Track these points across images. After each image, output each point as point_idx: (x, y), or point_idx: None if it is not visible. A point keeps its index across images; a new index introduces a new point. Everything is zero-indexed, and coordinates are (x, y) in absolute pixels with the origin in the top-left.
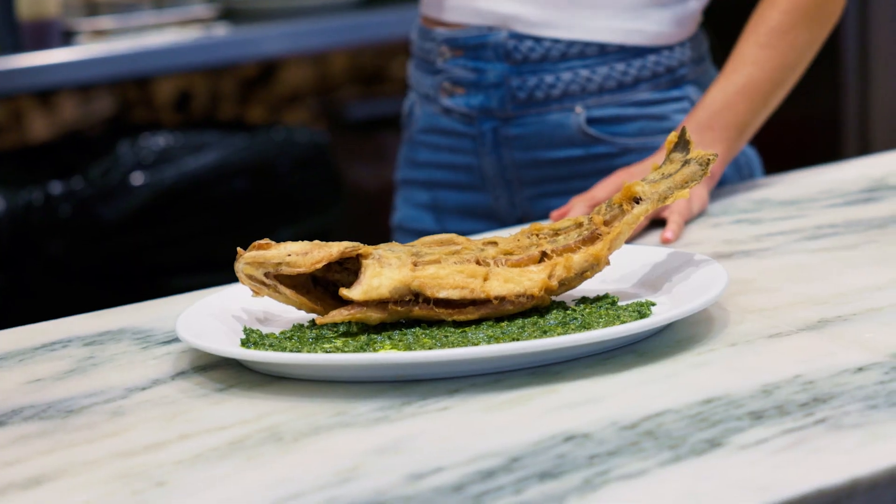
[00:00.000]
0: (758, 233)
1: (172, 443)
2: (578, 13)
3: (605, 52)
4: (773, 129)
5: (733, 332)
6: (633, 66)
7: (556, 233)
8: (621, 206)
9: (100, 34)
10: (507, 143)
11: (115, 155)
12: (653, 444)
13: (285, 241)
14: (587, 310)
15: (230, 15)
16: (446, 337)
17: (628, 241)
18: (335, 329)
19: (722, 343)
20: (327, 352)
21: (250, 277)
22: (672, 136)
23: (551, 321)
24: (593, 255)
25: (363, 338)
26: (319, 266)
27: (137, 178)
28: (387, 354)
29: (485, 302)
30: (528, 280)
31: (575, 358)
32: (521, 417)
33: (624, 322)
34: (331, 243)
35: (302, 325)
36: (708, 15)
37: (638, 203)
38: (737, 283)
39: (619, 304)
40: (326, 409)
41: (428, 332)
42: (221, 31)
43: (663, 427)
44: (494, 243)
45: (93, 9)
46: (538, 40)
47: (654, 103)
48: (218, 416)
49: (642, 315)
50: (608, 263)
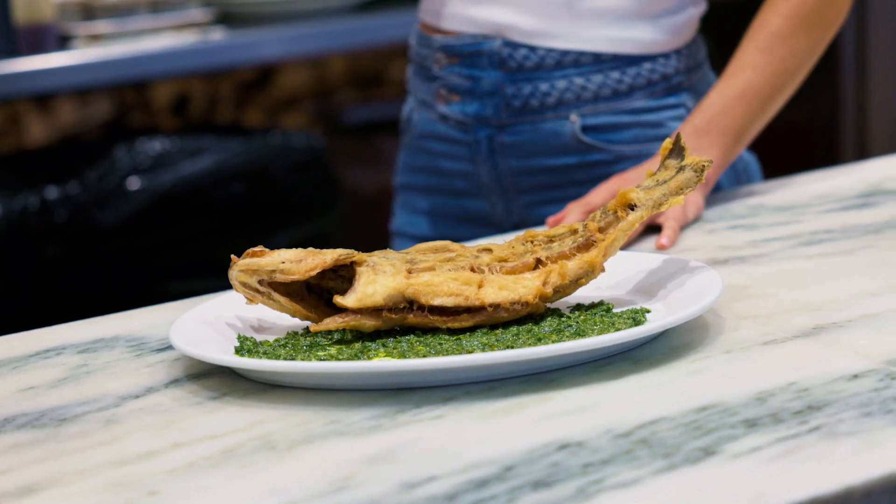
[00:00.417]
0: (753, 239)
1: (165, 451)
2: (573, 23)
3: (599, 60)
4: (770, 133)
5: (728, 339)
6: (628, 73)
7: (551, 240)
8: (616, 212)
9: (96, 38)
10: (502, 150)
11: (112, 159)
12: (647, 452)
13: (280, 248)
14: (582, 317)
15: (227, 19)
16: (441, 345)
17: (623, 248)
18: (329, 337)
19: (717, 350)
20: (321, 359)
21: (244, 285)
22: (667, 143)
23: (546, 328)
24: (588, 261)
25: (357, 345)
26: (313, 273)
27: (134, 183)
28: (381, 362)
29: (479, 309)
30: (523, 287)
31: (569, 365)
32: (514, 425)
33: (619, 329)
34: (325, 251)
35: (296, 333)
36: (706, 21)
37: (633, 210)
38: (732, 290)
39: (614, 311)
40: (320, 417)
41: (422, 339)
42: (218, 35)
43: (657, 435)
44: (489, 250)
45: (89, 13)
46: (533, 49)
47: (649, 111)
48: (211, 425)
49: (637, 322)
50: (603, 270)
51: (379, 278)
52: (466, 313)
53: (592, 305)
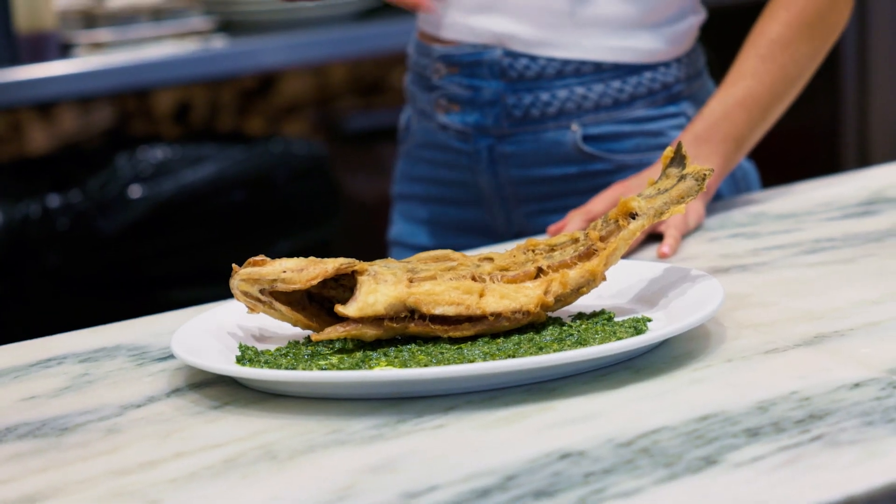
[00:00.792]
0: (755, 247)
1: (167, 461)
2: (574, 32)
3: (600, 69)
4: (771, 140)
5: (729, 347)
6: (629, 83)
7: (552, 248)
8: (617, 221)
9: (97, 46)
10: (502, 160)
11: (113, 168)
12: (648, 461)
13: (281, 256)
14: (583, 326)
15: (228, 27)
16: (442, 354)
17: (625, 257)
18: (331, 346)
19: (718, 359)
20: (323, 369)
21: (245, 294)
22: (668, 152)
23: (547, 337)
24: (589, 270)
25: (359, 354)
26: (315, 282)
27: (135, 191)
28: (382, 372)
29: (480, 318)
30: (524, 296)
31: (571, 374)
32: (516, 435)
33: (620, 338)
34: (326, 259)
35: (297, 342)
36: (705, 29)
37: (634, 218)
38: (733, 298)
39: (616, 319)
40: (321, 426)
41: (424, 348)
42: (220, 43)
43: (659, 444)
44: (490, 259)
45: (90, 21)
46: (534, 58)
47: (649, 120)
48: (213, 434)
49: (638, 331)
50: (604, 279)
51: (380, 287)
52: (468, 322)
53: (594, 314)
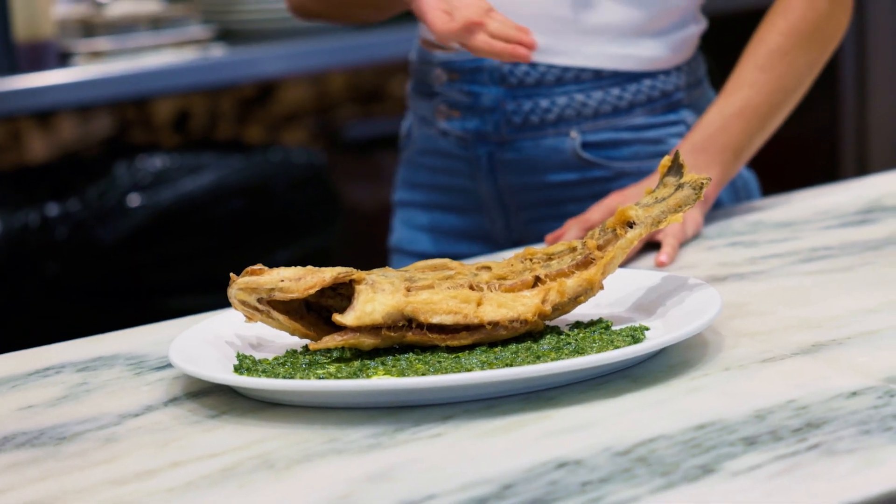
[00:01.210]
0: (752, 255)
1: (165, 470)
2: (576, 39)
3: (600, 76)
4: (770, 148)
5: (727, 356)
6: (629, 90)
7: (550, 257)
8: (615, 230)
9: (96, 55)
10: (502, 167)
11: (112, 176)
12: (645, 470)
13: (280, 264)
14: (581, 334)
15: (227, 36)
16: (440, 363)
17: (622, 265)
18: (328, 355)
19: (715, 368)
20: (320, 378)
21: (243, 303)
22: (666, 160)
23: (545, 346)
24: (587, 279)
25: (356, 363)
26: (312, 292)
27: (134, 200)
28: (380, 381)
29: (478, 327)
30: (522, 305)
31: (568, 383)
32: (513, 444)
33: (617, 347)
34: (324, 269)
35: (295, 351)
36: (706, 38)
37: (631, 227)
38: (731, 307)
39: (613, 328)
40: (319, 435)
41: (421, 357)
42: (219, 51)
43: (656, 453)
44: (488, 268)
45: (89, 30)
46: (534, 65)
47: (649, 127)
48: (210, 444)
49: (636, 340)
50: (602, 288)
51: (378, 296)
52: (465, 331)
53: (591, 323)
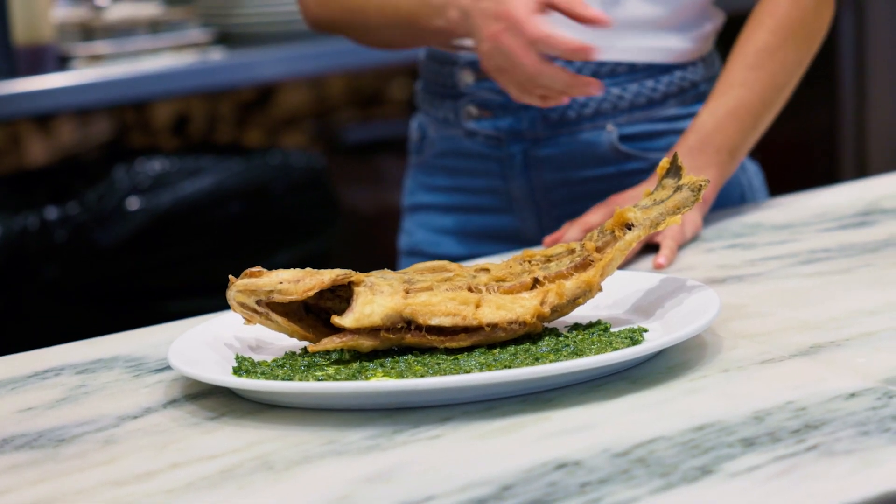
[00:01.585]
0: (751, 257)
1: (164, 472)
2: (610, 34)
3: (634, 69)
4: (770, 151)
5: (726, 358)
6: (662, 82)
7: (548, 259)
8: (613, 232)
9: (95, 59)
10: (536, 164)
11: (111, 180)
12: (644, 471)
13: (279, 268)
14: (579, 336)
15: (226, 39)
16: (438, 364)
17: (621, 267)
18: (327, 357)
19: (714, 369)
20: (319, 380)
21: (242, 305)
22: (664, 162)
23: (543, 348)
24: (585, 281)
25: (355, 365)
26: (311, 294)
27: (133, 203)
28: (378, 382)
29: (477, 329)
30: (520, 307)
31: (567, 385)
32: (512, 445)
33: (616, 349)
34: (322, 271)
35: (294, 353)
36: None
37: (630, 229)
38: (730, 309)
39: (612, 330)
40: (318, 437)
41: (420, 359)
42: (218, 55)
43: (655, 454)
44: (486, 270)
45: (88, 34)
46: (568, 61)
47: (680, 118)
48: (209, 445)
49: (634, 341)
50: (600, 290)
51: (377, 298)
52: (464, 333)
53: (590, 325)
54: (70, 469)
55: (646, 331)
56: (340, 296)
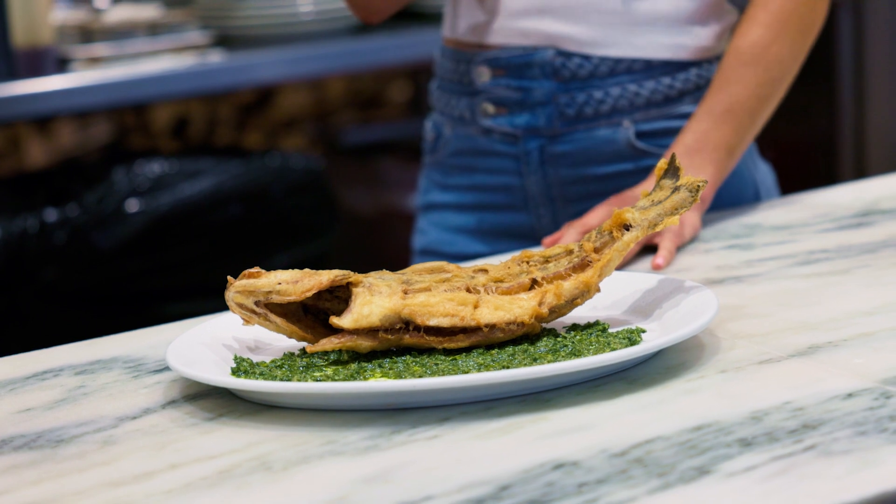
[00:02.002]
0: (749, 258)
1: (162, 472)
2: (626, 30)
3: (651, 66)
4: (769, 152)
5: (723, 358)
6: (678, 79)
7: (547, 260)
8: (611, 233)
9: (95, 61)
10: (553, 160)
11: (111, 182)
12: (642, 471)
13: (276, 270)
14: (577, 337)
15: (225, 41)
16: (437, 365)
17: (619, 268)
18: (326, 357)
19: (712, 370)
20: (318, 380)
21: (240, 306)
22: (662, 163)
23: (541, 348)
24: (584, 282)
25: (353, 366)
26: (309, 294)
27: (132, 205)
28: (377, 383)
29: (475, 329)
30: (519, 307)
31: (565, 385)
32: (510, 445)
33: (614, 349)
34: (321, 272)
35: (292, 354)
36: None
37: (628, 230)
38: (727, 309)
39: (610, 330)
40: (316, 437)
41: (418, 360)
42: (217, 57)
43: (652, 454)
44: (485, 271)
45: (87, 36)
46: (587, 57)
47: None
48: (208, 446)
49: (632, 342)
50: (598, 290)
51: (375, 299)
52: (462, 334)
53: (588, 325)
54: (69, 470)
55: (644, 331)
56: (339, 297)
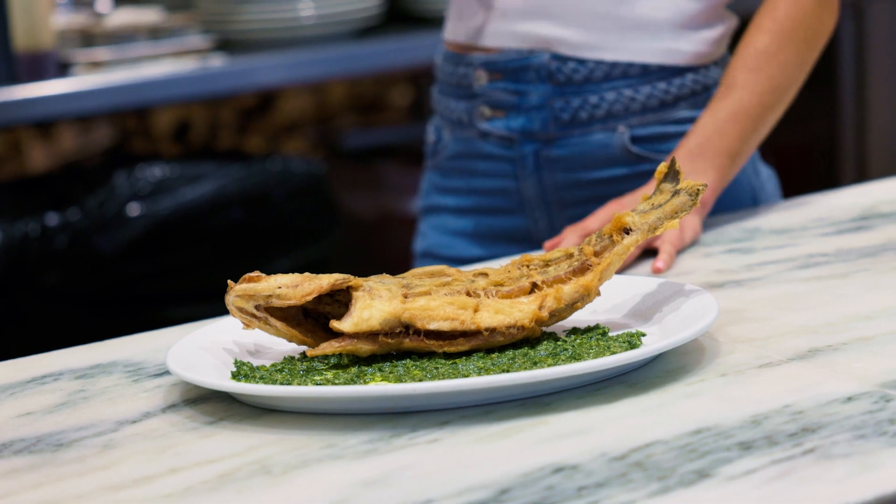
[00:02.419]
0: (749, 262)
1: (162, 476)
2: (622, 35)
3: (647, 71)
4: (770, 156)
5: (723, 362)
6: (674, 84)
7: (547, 264)
8: (611, 236)
9: (96, 65)
10: (548, 164)
11: (112, 186)
12: (641, 475)
13: (277, 274)
14: (577, 340)
15: (227, 45)
16: (437, 369)
17: (619, 272)
18: (326, 361)
19: (712, 373)
20: (318, 384)
21: (241, 310)
22: (662, 167)
23: (541, 352)
24: (583, 285)
25: (354, 370)
26: (310, 298)
27: (134, 209)
28: (377, 387)
29: (475, 333)
30: (519, 311)
31: (565, 389)
32: (510, 449)
33: (614, 353)
34: (321, 275)
35: (293, 358)
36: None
37: (628, 234)
38: (727, 313)
39: (610, 334)
40: (316, 441)
41: (418, 363)
42: (218, 61)
43: (652, 458)
44: (485, 274)
45: (89, 40)
46: (582, 61)
47: (692, 121)
48: (208, 450)
49: (632, 346)
50: (598, 294)
51: (375, 303)
52: (462, 337)
53: (588, 329)
54: (69, 474)
55: (644, 335)
56: (339, 300)
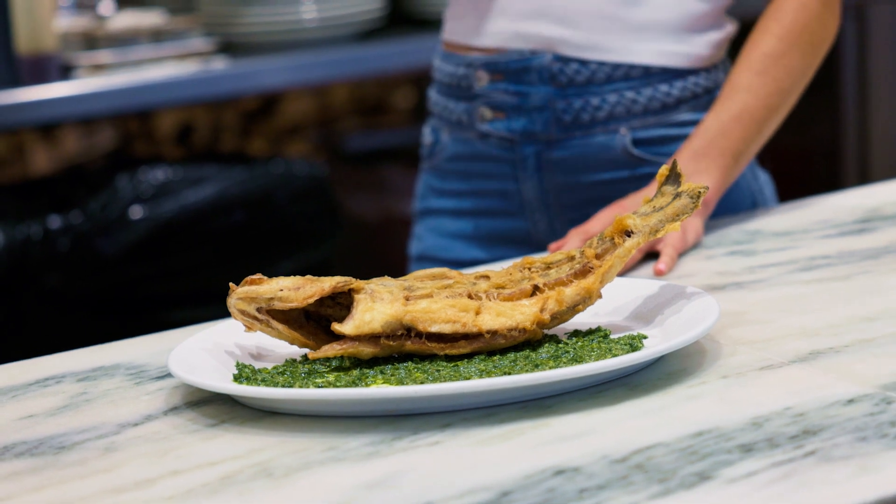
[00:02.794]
0: (751, 264)
1: (164, 479)
2: (624, 36)
3: (649, 73)
4: (773, 159)
5: (725, 364)
6: (676, 87)
7: (548, 266)
8: (613, 239)
9: (99, 68)
10: (549, 166)
11: (114, 188)
12: (643, 477)
13: (279, 276)
14: (579, 343)
15: (229, 48)
16: (438, 371)
17: (621, 274)
18: (327, 364)
19: (713, 376)
20: (319, 387)
21: (243, 312)
22: (663, 169)
23: (543, 355)
24: (585, 288)
25: (355, 372)
26: (311, 301)
27: (136, 212)
28: (378, 389)
29: (477, 336)
30: (520, 314)
31: (566, 391)
32: (511, 451)
33: (616, 355)
34: (323, 278)
35: (294, 360)
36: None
37: (630, 236)
38: (729, 315)
39: (611, 337)
40: (318, 444)
41: (420, 366)
42: (221, 64)
43: (653, 460)
44: (486, 277)
45: (91, 43)
46: (584, 63)
47: (694, 124)
48: (209, 452)
49: (634, 348)
50: (600, 297)
51: (377, 305)
52: (464, 340)
53: (590, 332)
54: (71, 476)
55: (645, 337)
56: (341, 303)
